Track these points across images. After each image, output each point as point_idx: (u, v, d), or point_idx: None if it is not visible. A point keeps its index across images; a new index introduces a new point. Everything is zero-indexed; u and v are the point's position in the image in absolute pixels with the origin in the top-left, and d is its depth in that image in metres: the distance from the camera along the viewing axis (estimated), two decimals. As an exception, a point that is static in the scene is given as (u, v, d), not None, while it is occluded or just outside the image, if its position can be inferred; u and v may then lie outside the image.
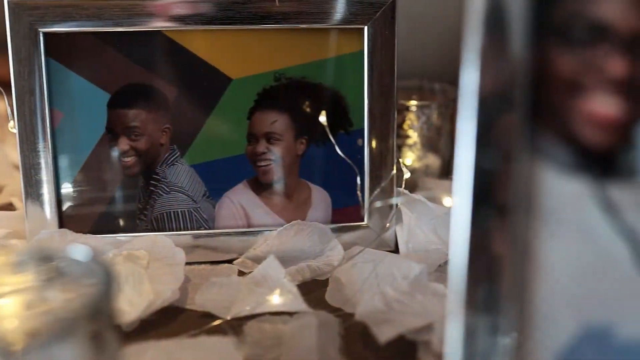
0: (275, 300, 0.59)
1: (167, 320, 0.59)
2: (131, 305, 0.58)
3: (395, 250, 0.70)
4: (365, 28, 0.67)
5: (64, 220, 0.68)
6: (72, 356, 0.35)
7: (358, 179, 0.69)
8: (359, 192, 0.69)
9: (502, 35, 0.37)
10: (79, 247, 0.39)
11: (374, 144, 0.69)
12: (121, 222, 0.69)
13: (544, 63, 0.38)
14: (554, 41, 0.38)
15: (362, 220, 0.71)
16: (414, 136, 0.82)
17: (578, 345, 0.39)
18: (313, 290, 0.64)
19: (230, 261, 0.69)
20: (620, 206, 0.39)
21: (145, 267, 0.62)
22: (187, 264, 0.65)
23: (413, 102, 0.81)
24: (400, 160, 0.72)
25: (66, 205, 0.68)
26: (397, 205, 0.69)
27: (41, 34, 0.64)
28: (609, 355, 0.39)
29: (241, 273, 0.67)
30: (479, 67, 0.37)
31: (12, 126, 0.66)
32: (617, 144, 0.38)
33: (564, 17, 0.38)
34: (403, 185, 0.70)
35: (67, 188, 0.68)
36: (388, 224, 0.69)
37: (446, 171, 0.84)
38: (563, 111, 0.38)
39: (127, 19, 0.64)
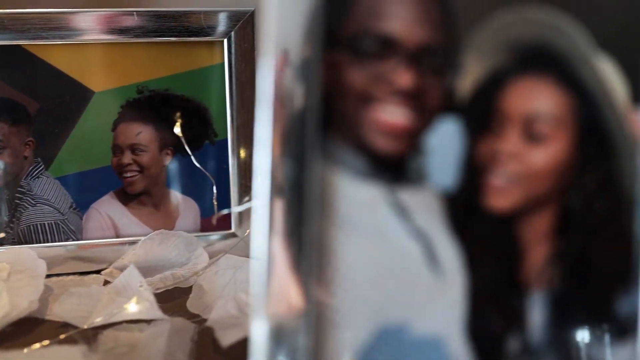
0: (132, 308, 0.60)
1: (24, 331, 0.59)
2: (-14, 317, 0.58)
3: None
4: (225, 41, 0.69)
5: None
6: None
7: (214, 188, 0.70)
8: (215, 201, 0.71)
9: (299, 46, 0.39)
10: None
11: (241, 153, 0.71)
12: (-13, 236, 0.69)
13: (336, 75, 0.40)
14: (345, 54, 0.40)
15: (230, 229, 0.72)
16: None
17: (375, 343, 0.41)
18: (178, 297, 0.65)
19: (99, 271, 0.70)
20: (411, 209, 0.41)
21: (5, 280, 0.62)
22: (57, 275, 0.65)
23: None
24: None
25: None
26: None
27: None
28: (404, 352, 0.41)
29: (108, 283, 0.67)
30: (273, 74, 0.39)
31: None
32: (406, 151, 0.41)
33: (354, 32, 0.40)
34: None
35: None
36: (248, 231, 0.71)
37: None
38: (355, 121, 0.40)
39: (-15, 34, 0.65)
